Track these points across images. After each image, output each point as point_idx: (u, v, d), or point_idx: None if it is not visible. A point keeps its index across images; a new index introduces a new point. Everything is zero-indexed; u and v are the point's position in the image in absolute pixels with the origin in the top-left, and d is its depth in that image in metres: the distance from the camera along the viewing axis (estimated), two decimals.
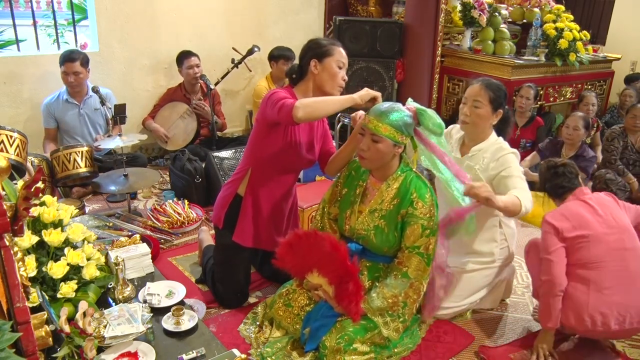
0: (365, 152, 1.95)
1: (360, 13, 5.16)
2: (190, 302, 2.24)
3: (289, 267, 2.08)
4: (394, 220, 1.99)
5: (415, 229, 1.95)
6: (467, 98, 2.27)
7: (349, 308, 1.92)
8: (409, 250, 1.96)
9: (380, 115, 1.92)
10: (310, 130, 2.26)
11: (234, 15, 4.57)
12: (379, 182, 2.05)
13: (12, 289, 1.25)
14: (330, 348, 1.89)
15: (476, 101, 2.23)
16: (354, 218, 2.07)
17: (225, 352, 1.67)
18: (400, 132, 1.92)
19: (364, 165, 2.05)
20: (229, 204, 2.28)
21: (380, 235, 2.01)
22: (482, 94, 2.22)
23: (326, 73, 2.13)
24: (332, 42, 2.19)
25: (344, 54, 2.17)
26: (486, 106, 2.22)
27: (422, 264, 1.95)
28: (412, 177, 2.00)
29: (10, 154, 2.72)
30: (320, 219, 2.21)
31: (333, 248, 1.92)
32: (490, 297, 2.42)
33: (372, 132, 1.92)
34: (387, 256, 2.05)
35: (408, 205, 1.96)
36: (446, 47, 4.79)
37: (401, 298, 1.93)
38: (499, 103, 2.24)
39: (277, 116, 1.99)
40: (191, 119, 4.13)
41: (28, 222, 1.90)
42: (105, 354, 1.62)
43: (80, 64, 3.50)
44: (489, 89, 2.23)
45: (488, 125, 2.27)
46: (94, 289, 1.90)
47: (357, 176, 2.13)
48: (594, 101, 4.36)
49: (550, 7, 4.99)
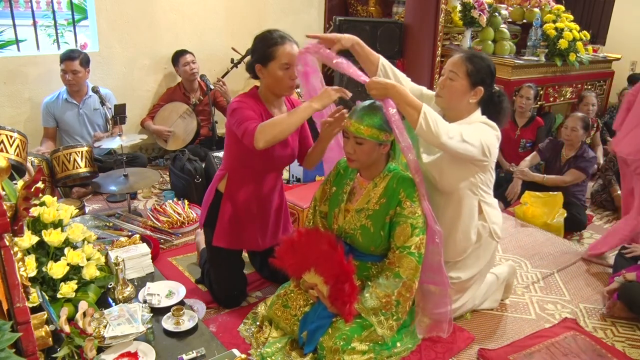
0: (351, 154, 1.95)
1: (360, 13, 5.16)
2: (190, 302, 2.24)
3: (287, 265, 2.08)
4: (381, 220, 1.98)
5: (405, 228, 1.94)
6: (445, 69, 2.07)
7: (343, 309, 1.92)
8: (400, 251, 1.95)
9: (361, 117, 1.91)
10: None
11: (234, 15, 4.57)
12: (366, 181, 2.05)
13: (12, 289, 1.25)
14: (328, 349, 1.89)
15: (452, 72, 2.01)
16: (342, 217, 2.07)
17: (225, 352, 1.67)
18: (383, 131, 1.91)
19: (352, 166, 2.06)
20: (209, 204, 2.29)
21: (367, 235, 2.01)
22: (459, 65, 2.00)
23: (271, 78, 2.06)
24: (278, 39, 2.03)
25: (291, 50, 2.02)
26: (462, 79, 1.99)
27: (413, 263, 1.94)
28: (399, 177, 2.00)
29: (10, 154, 2.72)
30: (312, 217, 2.22)
31: (331, 246, 1.93)
32: (491, 297, 2.43)
33: (354, 135, 1.91)
34: (374, 255, 2.05)
35: (396, 205, 1.95)
36: (446, 47, 4.79)
37: (394, 297, 1.93)
38: (479, 78, 1.99)
39: (241, 139, 1.99)
40: (191, 118, 4.13)
41: (28, 222, 1.90)
42: (105, 354, 1.62)
43: (79, 63, 3.50)
44: (468, 61, 2.00)
45: (465, 102, 2.02)
46: (94, 289, 1.90)
47: (345, 175, 2.14)
48: (594, 101, 4.37)
49: (550, 7, 4.99)
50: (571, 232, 3.43)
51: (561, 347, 2.19)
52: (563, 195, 3.39)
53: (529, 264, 2.91)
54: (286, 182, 3.83)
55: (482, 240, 2.21)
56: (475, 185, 2.11)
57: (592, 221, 3.63)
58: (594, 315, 2.46)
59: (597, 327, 2.37)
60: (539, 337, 2.25)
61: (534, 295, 2.61)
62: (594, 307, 2.53)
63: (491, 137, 2.01)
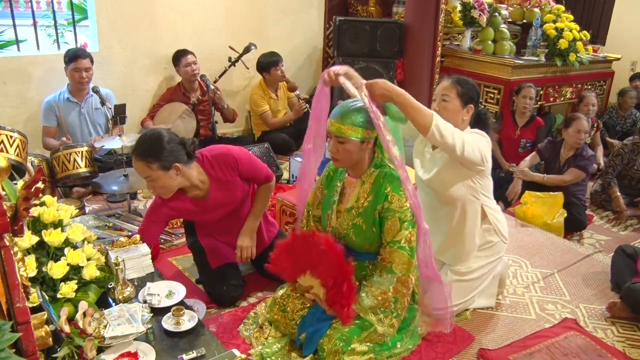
0: (335, 154, 1.96)
1: (360, 13, 5.16)
2: (190, 302, 2.24)
3: (282, 270, 2.08)
4: (371, 216, 1.98)
5: (393, 222, 1.94)
6: (436, 94, 2.26)
7: (341, 311, 1.92)
8: (390, 246, 1.95)
9: (342, 116, 1.91)
10: (223, 190, 2.31)
11: (234, 15, 4.57)
12: (354, 179, 2.05)
13: (12, 289, 1.25)
14: (328, 350, 1.89)
15: (444, 95, 2.21)
16: (334, 218, 2.07)
17: (225, 352, 1.67)
18: (365, 129, 1.90)
19: (337, 166, 2.07)
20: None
21: (359, 233, 2.01)
22: (449, 89, 2.20)
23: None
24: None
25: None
26: (454, 100, 2.19)
27: (405, 257, 1.93)
28: (385, 172, 1.99)
29: (10, 154, 2.72)
30: (306, 222, 2.23)
31: (329, 247, 1.92)
32: (486, 291, 2.42)
33: (336, 135, 1.92)
34: (370, 253, 2.04)
35: (383, 200, 1.95)
36: (446, 47, 4.79)
37: (391, 294, 1.92)
38: (469, 97, 2.21)
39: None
40: (190, 118, 4.13)
41: (28, 222, 1.89)
42: (105, 354, 1.62)
43: (90, 61, 3.53)
44: (458, 84, 2.21)
45: (459, 121, 2.20)
46: (94, 289, 1.90)
47: (335, 177, 2.14)
48: (594, 101, 4.36)
49: (550, 7, 4.99)
50: (571, 232, 3.43)
51: (561, 347, 2.19)
52: (563, 195, 3.39)
53: (529, 264, 2.91)
54: (286, 182, 3.84)
55: (490, 243, 2.32)
56: (476, 190, 2.23)
57: (592, 221, 3.63)
58: (594, 315, 2.46)
59: (597, 327, 2.38)
60: (539, 337, 2.25)
61: (534, 295, 2.61)
62: (594, 307, 2.53)
63: (484, 144, 2.15)
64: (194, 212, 2.31)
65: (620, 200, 3.65)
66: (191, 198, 2.26)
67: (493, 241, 2.33)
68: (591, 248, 3.20)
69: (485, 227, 2.31)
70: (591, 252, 3.09)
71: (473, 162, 2.09)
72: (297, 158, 3.82)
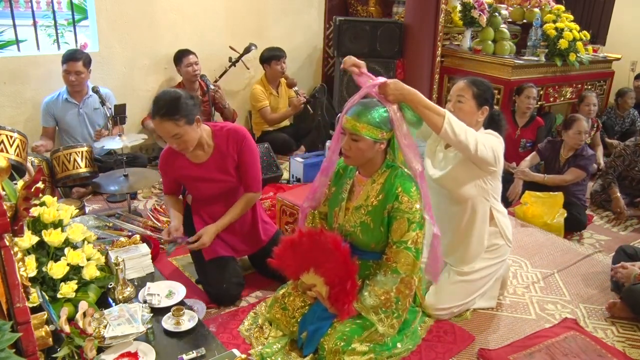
0: (347, 151, 1.96)
1: (360, 13, 5.16)
2: (190, 302, 2.24)
3: (286, 266, 2.08)
4: (379, 215, 1.98)
5: (402, 223, 1.94)
6: (452, 95, 2.27)
7: (342, 308, 1.92)
8: (397, 246, 1.95)
9: (358, 114, 1.91)
10: (218, 162, 2.35)
11: (234, 15, 4.57)
12: (364, 178, 2.05)
13: (12, 289, 1.25)
14: (328, 350, 1.88)
15: (460, 96, 2.21)
16: (342, 215, 2.07)
17: (225, 352, 1.67)
18: (380, 129, 1.91)
19: (348, 163, 2.06)
20: (183, 214, 2.48)
21: (367, 232, 2.00)
22: (465, 89, 2.21)
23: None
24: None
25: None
26: (470, 101, 2.20)
27: (410, 258, 1.93)
28: (397, 172, 2.00)
29: (10, 154, 2.72)
30: (312, 219, 2.22)
31: (336, 246, 1.92)
32: (488, 293, 2.43)
33: (350, 132, 1.92)
34: (375, 252, 2.04)
35: (393, 199, 1.95)
36: (446, 47, 4.79)
37: (393, 294, 1.93)
38: (484, 99, 2.22)
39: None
40: None
41: (28, 222, 1.89)
42: (105, 354, 1.62)
43: (82, 64, 3.50)
44: (473, 85, 2.22)
45: (474, 122, 2.21)
46: (94, 289, 1.90)
47: (345, 174, 2.14)
48: (595, 101, 4.36)
49: (550, 7, 4.99)
50: (571, 232, 3.43)
51: (561, 347, 2.19)
52: (563, 195, 3.39)
53: (529, 264, 2.92)
54: (286, 182, 3.84)
55: (495, 246, 2.33)
56: (486, 191, 2.24)
57: (592, 221, 3.63)
58: (594, 315, 2.46)
59: (597, 327, 2.38)
60: (539, 337, 2.25)
61: (534, 295, 2.61)
62: (594, 307, 2.53)
63: (498, 144, 2.15)
64: (192, 177, 2.37)
65: (621, 201, 3.65)
66: (191, 159, 2.34)
67: (498, 244, 2.34)
68: (591, 248, 3.20)
69: (492, 229, 2.32)
70: (591, 252, 3.09)
71: (486, 162, 2.09)
72: (297, 158, 3.83)
